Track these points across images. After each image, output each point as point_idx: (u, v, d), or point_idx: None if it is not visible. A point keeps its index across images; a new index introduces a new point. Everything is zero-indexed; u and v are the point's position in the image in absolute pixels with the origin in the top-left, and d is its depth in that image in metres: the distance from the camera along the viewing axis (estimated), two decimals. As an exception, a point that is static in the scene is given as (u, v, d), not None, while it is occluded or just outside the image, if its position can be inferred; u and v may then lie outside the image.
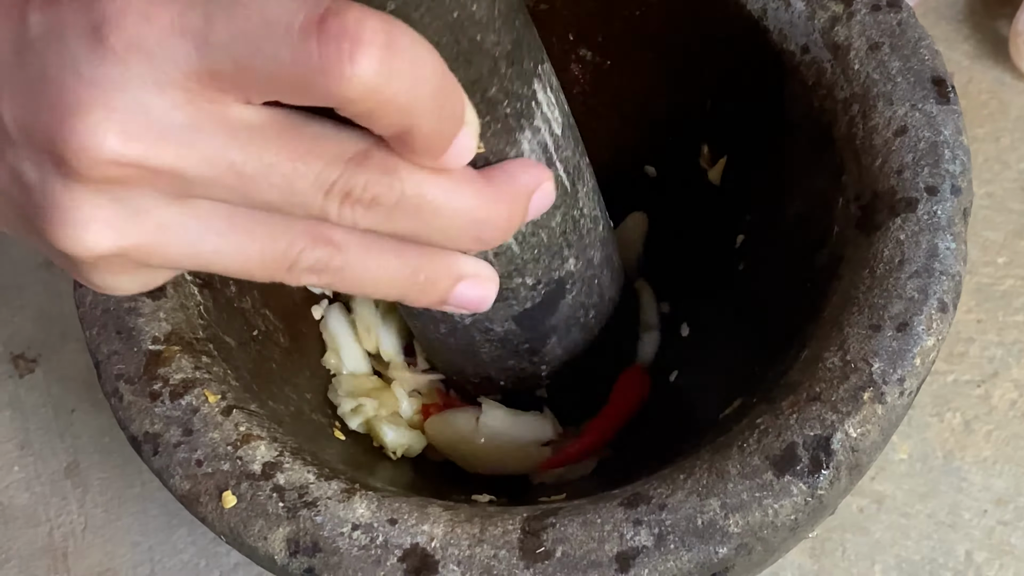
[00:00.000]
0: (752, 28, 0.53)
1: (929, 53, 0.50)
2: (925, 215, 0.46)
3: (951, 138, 0.48)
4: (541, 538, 0.42)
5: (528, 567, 0.41)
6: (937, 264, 0.45)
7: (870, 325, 0.44)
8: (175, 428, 0.45)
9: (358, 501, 0.43)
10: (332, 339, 0.60)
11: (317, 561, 0.42)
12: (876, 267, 0.46)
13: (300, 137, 0.33)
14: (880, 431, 0.43)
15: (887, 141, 0.48)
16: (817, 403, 0.43)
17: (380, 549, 0.42)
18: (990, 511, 0.61)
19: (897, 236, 0.46)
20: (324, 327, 0.60)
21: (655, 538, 0.41)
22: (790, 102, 0.53)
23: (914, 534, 0.60)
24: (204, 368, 0.46)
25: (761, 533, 0.41)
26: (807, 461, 0.42)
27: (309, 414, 0.53)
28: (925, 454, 0.62)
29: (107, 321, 0.47)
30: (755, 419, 0.44)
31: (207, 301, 0.50)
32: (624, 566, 0.41)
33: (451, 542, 0.42)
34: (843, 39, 0.51)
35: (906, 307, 0.44)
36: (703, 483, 0.42)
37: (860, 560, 0.60)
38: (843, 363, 0.44)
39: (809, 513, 0.42)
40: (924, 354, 0.44)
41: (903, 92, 0.49)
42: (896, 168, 0.47)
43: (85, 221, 0.33)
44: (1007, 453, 0.62)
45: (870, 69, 0.50)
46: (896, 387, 0.43)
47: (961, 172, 0.47)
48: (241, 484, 0.43)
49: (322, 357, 0.60)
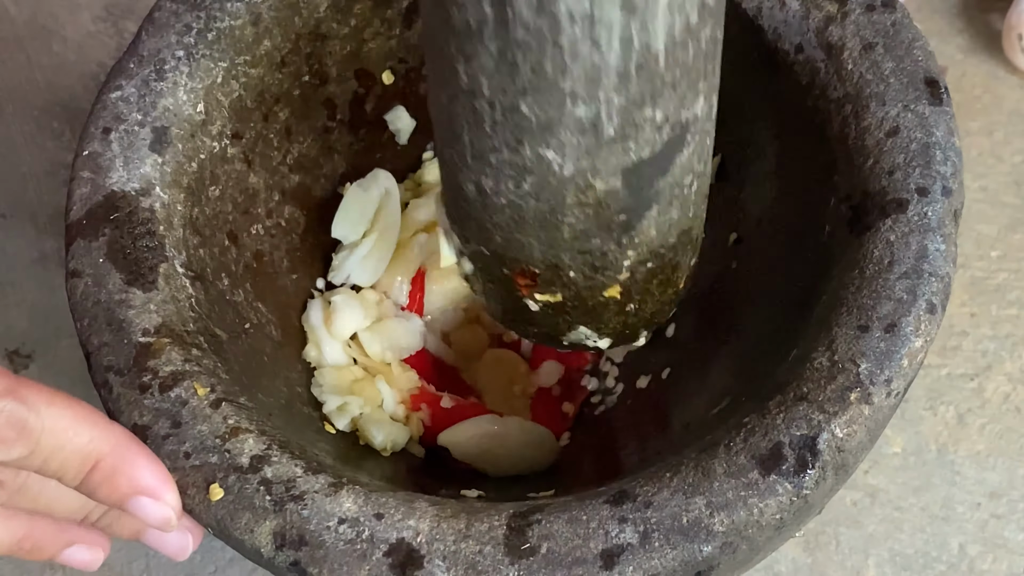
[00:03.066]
0: (747, 27, 0.53)
1: (923, 54, 0.50)
2: (915, 216, 0.46)
3: (943, 139, 0.48)
4: (526, 534, 0.42)
5: (513, 563, 0.41)
6: (926, 265, 0.45)
7: (858, 326, 0.44)
8: (164, 420, 0.45)
9: (345, 495, 0.43)
10: (312, 331, 0.60)
11: (303, 555, 0.42)
12: (866, 268, 0.46)
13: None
14: (867, 432, 0.43)
15: (879, 142, 0.48)
16: (804, 403, 0.43)
17: (366, 543, 0.42)
18: (983, 504, 0.61)
19: (887, 237, 0.46)
20: (306, 320, 0.60)
21: (640, 536, 0.41)
22: (783, 101, 0.53)
23: (907, 527, 0.60)
24: (194, 361, 0.46)
25: (746, 532, 0.41)
26: (793, 461, 0.42)
27: (300, 407, 0.54)
28: (919, 448, 0.62)
29: (98, 313, 0.47)
30: (742, 418, 0.44)
31: (198, 294, 0.50)
32: (608, 563, 0.41)
33: (437, 537, 0.42)
34: (837, 39, 0.51)
35: (895, 308, 0.44)
36: (689, 481, 0.42)
37: (854, 553, 0.60)
38: (831, 363, 0.44)
39: (794, 513, 0.42)
40: (912, 355, 0.44)
41: (896, 93, 0.49)
42: (887, 169, 0.47)
43: None
44: (1000, 446, 0.62)
45: (863, 69, 0.50)
46: (883, 388, 0.43)
47: (952, 174, 0.47)
48: (229, 477, 0.43)
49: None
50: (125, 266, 0.48)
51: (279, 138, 0.59)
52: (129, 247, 0.49)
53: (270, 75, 0.57)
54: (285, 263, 0.59)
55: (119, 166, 0.51)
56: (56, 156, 0.77)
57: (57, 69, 0.79)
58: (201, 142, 0.54)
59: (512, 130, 0.41)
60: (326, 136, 0.62)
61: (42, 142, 0.77)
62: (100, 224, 0.49)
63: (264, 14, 0.55)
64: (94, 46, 0.81)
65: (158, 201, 0.51)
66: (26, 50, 0.81)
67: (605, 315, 0.50)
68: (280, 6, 0.56)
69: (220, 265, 0.53)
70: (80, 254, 0.49)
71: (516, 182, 0.44)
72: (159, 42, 0.53)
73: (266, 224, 0.58)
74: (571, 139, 0.41)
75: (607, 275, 0.47)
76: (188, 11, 0.54)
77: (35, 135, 0.78)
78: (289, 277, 0.60)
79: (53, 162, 0.76)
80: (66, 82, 0.79)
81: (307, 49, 0.58)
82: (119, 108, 0.52)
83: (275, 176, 0.59)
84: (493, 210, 0.46)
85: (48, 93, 0.79)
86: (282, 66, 0.57)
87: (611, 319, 0.50)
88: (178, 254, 0.50)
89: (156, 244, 0.49)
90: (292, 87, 0.59)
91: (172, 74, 0.53)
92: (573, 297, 0.48)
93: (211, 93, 0.54)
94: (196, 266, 0.51)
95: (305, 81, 0.59)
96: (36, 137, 0.78)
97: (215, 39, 0.54)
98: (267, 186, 0.58)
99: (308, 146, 0.61)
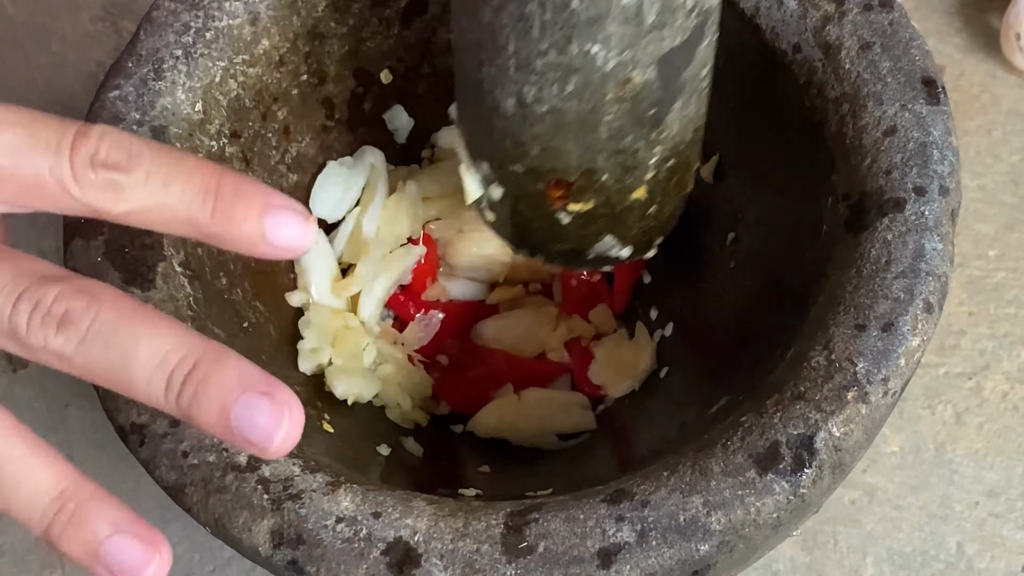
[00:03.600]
0: (744, 26, 0.53)
1: (920, 53, 0.50)
2: (913, 215, 0.46)
3: (940, 139, 0.48)
4: (524, 533, 0.42)
5: (510, 562, 0.41)
6: (923, 265, 0.45)
7: (856, 325, 0.44)
8: (162, 419, 0.45)
9: (343, 494, 0.43)
10: (303, 273, 0.60)
11: (301, 553, 0.42)
12: (863, 267, 0.46)
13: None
14: (864, 431, 0.43)
15: (876, 141, 0.48)
16: (801, 402, 0.43)
17: (363, 542, 0.42)
18: (981, 503, 0.61)
19: (884, 236, 0.46)
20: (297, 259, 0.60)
21: (637, 534, 0.41)
22: (781, 101, 0.53)
23: (905, 526, 0.60)
24: (192, 360, 0.46)
25: (743, 531, 0.41)
26: (790, 460, 0.42)
27: (298, 406, 0.53)
28: (917, 446, 0.62)
29: (96, 312, 0.47)
30: (739, 417, 0.44)
31: (197, 293, 0.50)
32: (606, 562, 0.41)
33: (434, 536, 0.42)
34: (834, 38, 0.51)
35: (892, 307, 0.44)
36: (686, 480, 0.42)
37: (852, 552, 0.60)
38: (828, 362, 0.44)
39: (791, 512, 0.42)
40: (909, 354, 0.44)
41: (893, 92, 0.49)
42: (885, 168, 0.47)
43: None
44: (998, 445, 0.62)
45: (861, 69, 0.50)
46: (880, 387, 0.43)
47: (949, 173, 0.47)
48: (227, 476, 0.43)
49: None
50: (123, 265, 0.49)
51: (277, 137, 0.59)
52: (127, 246, 0.49)
53: (268, 74, 0.57)
54: (283, 262, 0.59)
55: (117, 165, 0.51)
56: (55, 155, 0.76)
57: (56, 68, 0.79)
58: (199, 141, 0.54)
59: (561, 27, 0.43)
60: (324, 135, 0.62)
61: (41, 141, 0.77)
62: (98, 223, 0.49)
63: (262, 13, 0.56)
64: (93, 45, 0.80)
65: (156, 200, 0.50)
66: (24, 49, 0.81)
67: (630, 219, 0.51)
68: (278, 5, 0.56)
69: (218, 264, 0.53)
70: (78, 253, 0.49)
71: (561, 85, 0.45)
72: (157, 41, 0.53)
73: (264, 223, 0.58)
74: (617, 30, 0.43)
75: (636, 175, 0.49)
76: (186, 10, 0.54)
77: (34, 134, 0.78)
78: (287, 276, 0.60)
79: (52, 161, 0.76)
80: (65, 81, 0.79)
81: (305, 48, 0.58)
82: (117, 107, 0.52)
83: (273, 175, 0.59)
84: (534, 120, 0.47)
85: (47, 92, 0.79)
86: (280, 65, 0.57)
87: (634, 224, 0.52)
88: (176, 253, 0.50)
89: (154, 243, 0.49)
90: (290, 86, 0.59)
91: (170, 73, 0.53)
92: (604, 203, 0.50)
93: (209, 92, 0.54)
94: (194, 265, 0.51)
95: (303, 80, 0.59)
96: (35, 136, 0.78)
97: (213, 38, 0.54)
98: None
99: (306, 145, 0.61)
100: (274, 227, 0.37)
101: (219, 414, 0.34)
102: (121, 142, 0.36)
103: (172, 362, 0.35)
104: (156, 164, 0.36)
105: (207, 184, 0.36)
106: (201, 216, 0.36)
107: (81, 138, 0.36)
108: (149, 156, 0.36)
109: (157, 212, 0.36)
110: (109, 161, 0.36)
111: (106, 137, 0.36)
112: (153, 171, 0.36)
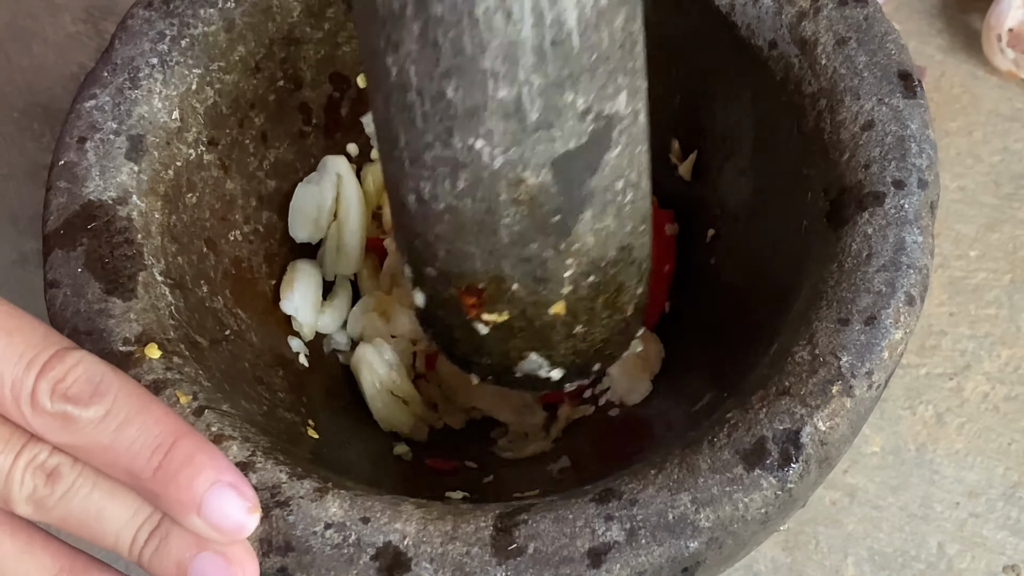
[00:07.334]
0: (720, 23, 0.53)
1: (895, 47, 0.50)
2: (892, 209, 0.46)
3: (918, 132, 0.48)
4: (513, 535, 0.42)
5: (500, 564, 0.41)
6: (904, 258, 0.45)
7: (838, 319, 0.44)
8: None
9: (331, 500, 0.43)
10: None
11: (290, 560, 0.42)
12: (844, 261, 0.46)
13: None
14: (849, 424, 0.43)
15: (854, 135, 0.48)
16: (786, 397, 0.43)
17: (353, 548, 0.42)
18: (962, 503, 0.61)
19: (865, 230, 0.46)
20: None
21: (626, 533, 0.41)
22: (758, 97, 0.53)
23: (886, 526, 0.61)
24: (175, 369, 0.46)
25: (732, 527, 0.42)
26: (777, 455, 0.42)
27: (282, 413, 0.53)
28: (897, 447, 0.63)
29: (77, 323, 0.47)
30: (725, 413, 0.44)
31: (178, 301, 0.50)
32: (596, 561, 0.41)
33: (423, 540, 0.42)
34: (810, 34, 0.51)
35: (874, 301, 0.45)
36: (674, 478, 0.42)
37: (833, 553, 0.60)
38: (812, 357, 0.44)
39: (779, 506, 0.42)
40: (892, 347, 0.44)
41: (870, 86, 0.49)
42: (863, 162, 0.48)
43: None
44: (979, 446, 0.62)
45: (837, 64, 0.50)
46: (864, 380, 0.43)
47: (928, 166, 0.47)
48: (213, 485, 0.43)
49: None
50: (104, 275, 0.48)
51: (255, 144, 0.59)
52: (107, 256, 0.49)
53: (245, 81, 0.57)
54: (264, 269, 0.59)
55: (95, 175, 0.50)
56: (36, 158, 0.76)
57: (37, 71, 0.79)
58: (177, 149, 0.53)
59: (441, 119, 0.42)
60: (302, 141, 0.62)
61: (22, 144, 0.77)
62: (78, 234, 0.49)
63: (237, 20, 0.55)
64: (74, 47, 0.80)
65: (135, 209, 0.50)
66: (5, 51, 0.80)
67: (554, 338, 0.50)
68: (253, 12, 0.56)
69: (199, 272, 0.53)
70: (58, 264, 0.49)
71: (452, 180, 0.44)
72: (132, 50, 0.53)
73: (244, 230, 0.58)
74: (497, 125, 0.41)
75: (550, 288, 0.48)
76: (161, 18, 0.54)
77: (15, 137, 0.77)
78: (268, 283, 0.60)
79: (34, 164, 0.76)
80: (46, 84, 0.78)
81: (281, 54, 0.58)
82: (94, 117, 0.52)
83: (252, 182, 0.59)
84: (434, 219, 0.46)
85: (28, 95, 0.78)
86: (256, 71, 0.57)
87: (560, 343, 0.50)
88: (156, 262, 0.50)
89: (134, 253, 0.49)
90: (267, 92, 0.58)
91: (146, 82, 0.53)
92: (520, 315, 0.49)
93: (186, 100, 0.54)
94: (175, 274, 0.51)
95: (280, 86, 0.59)
96: (16, 139, 0.77)
97: (189, 46, 0.54)
98: (244, 192, 0.58)
99: (284, 151, 0.61)
100: (214, 503, 0.37)
101: (176, 570, 0.38)
102: (93, 375, 0.37)
103: (139, 521, 0.39)
104: (120, 405, 0.37)
105: (163, 440, 0.37)
106: (144, 470, 0.37)
107: (55, 360, 0.37)
108: (115, 395, 0.37)
109: (98, 455, 0.38)
110: (70, 392, 0.37)
111: (80, 366, 0.37)
112: (114, 411, 0.37)
